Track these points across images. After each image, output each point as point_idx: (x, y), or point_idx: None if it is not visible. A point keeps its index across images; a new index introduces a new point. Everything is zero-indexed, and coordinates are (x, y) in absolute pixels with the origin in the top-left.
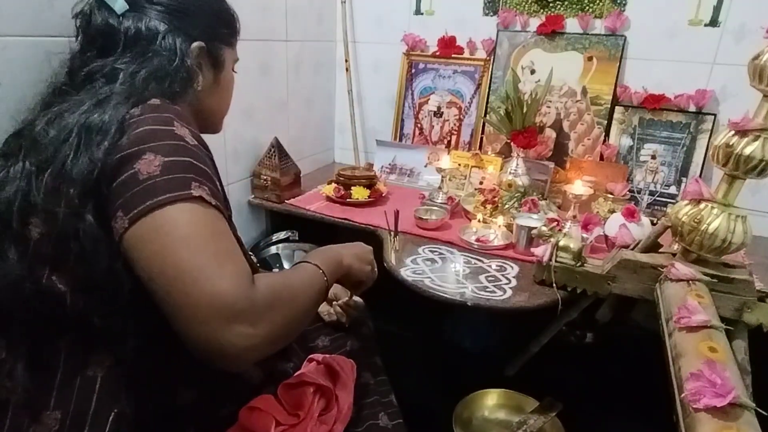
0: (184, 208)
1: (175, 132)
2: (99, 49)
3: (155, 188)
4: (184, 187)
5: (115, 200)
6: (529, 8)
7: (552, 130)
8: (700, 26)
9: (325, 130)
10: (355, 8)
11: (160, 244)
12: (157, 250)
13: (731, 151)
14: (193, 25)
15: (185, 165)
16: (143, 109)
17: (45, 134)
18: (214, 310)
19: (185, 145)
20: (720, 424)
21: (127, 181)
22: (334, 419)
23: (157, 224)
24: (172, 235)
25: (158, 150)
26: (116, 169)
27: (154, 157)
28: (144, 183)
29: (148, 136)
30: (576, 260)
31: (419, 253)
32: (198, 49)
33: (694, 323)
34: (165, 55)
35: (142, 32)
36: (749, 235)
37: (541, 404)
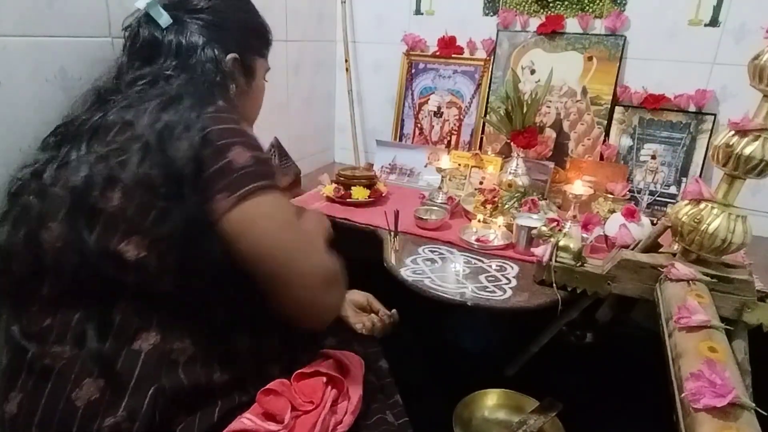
0: (277, 195)
1: (247, 131)
2: (145, 58)
3: (254, 175)
4: (273, 178)
5: (212, 185)
6: (529, 8)
7: (552, 130)
8: (700, 26)
9: (325, 130)
10: (355, 8)
11: (269, 225)
12: (268, 230)
13: (731, 151)
14: (229, 37)
15: (266, 159)
16: (216, 108)
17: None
18: (321, 277)
19: (257, 143)
20: (720, 424)
21: (224, 168)
22: (345, 410)
23: (262, 206)
24: (277, 218)
25: (244, 144)
26: (209, 158)
27: (243, 150)
28: (242, 170)
29: (231, 132)
30: (576, 260)
31: (419, 253)
32: (233, 60)
33: (694, 323)
34: (205, 64)
35: (183, 45)
36: (749, 235)
37: (541, 404)
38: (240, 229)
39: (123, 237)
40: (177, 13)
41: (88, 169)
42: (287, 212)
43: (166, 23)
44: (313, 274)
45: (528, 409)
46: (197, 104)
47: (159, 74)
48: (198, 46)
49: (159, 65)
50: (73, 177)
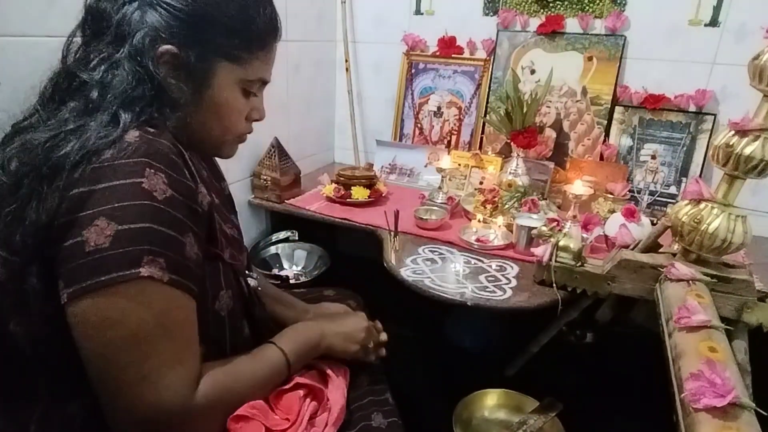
0: (130, 292)
1: (143, 186)
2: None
3: (101, 264)
4: (133, 265)
5: (58, 266)
6: (529, 8)
7: (552, 130)
8: (700, 26)
9: (325, 130)
10: (355, 8)
11: (103, 327)
12: (99, 333)
13: (731, 151)
14: (181, 27)
15: (142, 232)
16: (115, 150)
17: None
18: (149, 417)
19: (150, 203)
20: (720, 424)
21: (72, 250)
22: (326, 422)
23: (100, 310)
24: (116, 330)
25: (113, 215)
26: (65, 231)
27: (107, 225)
28: (89, 256)
29: (110, 194)
30: (576, 260)
31: (419, 253)
32: (167, 55)
33: (694, 323)
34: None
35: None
36: (749, 235)
37: (541, 404)
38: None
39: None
40: None
41: None
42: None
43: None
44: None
45: (528, 409)
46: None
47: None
48: (133, 30)
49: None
50: None
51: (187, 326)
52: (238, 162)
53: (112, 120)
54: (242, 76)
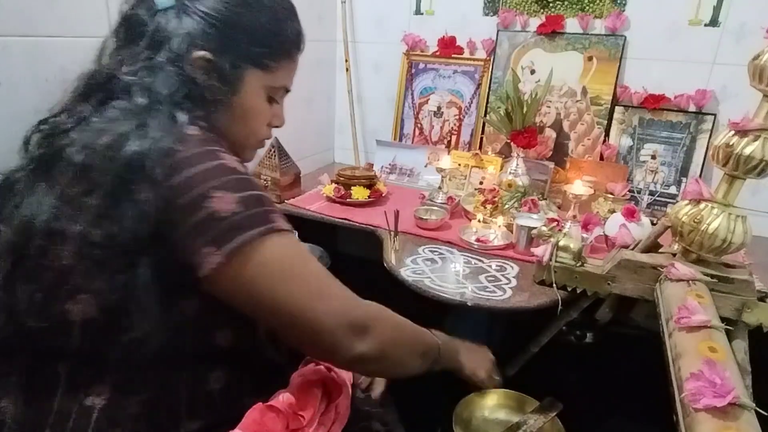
0: (275, 241)
1: (227, 165)
2: (121, 39)
3: (244, 224)
4: (267, 221)
5: (193, 240)
6: (529, 8)
7: (552, 130)
8: (700, 26)
9: (325, 130)
10: (355, 8)
11: (274, 275)
12: (267, 285)
13: (731, 151)
14: (215, 35)
15: (256, 197)
16: (183, 143)
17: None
18: (340, 324)
19: (243, 177)
20: (720, 424)
21: (205, 221)
22: (333, 420)
23: (260, 257)
24: (281, 265)
25: (225, 186)
26: (182, 212)
27: (225, 194)
28: (228, 219)
29: (205, 175)
30: (576, 260)
31: (419, 253)
32: (201, 60)
33: (694, 323)
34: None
35: (161, 32)
36: (749, 235)
37: (541, 404)
38: (235, 286)
39: (68, 296)
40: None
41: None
42: (290, 256)
43: (162, 4)
44: (326, 319)
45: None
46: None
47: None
48: (170, 36)
49: (128, 55)
50: (20, 224)
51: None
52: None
53: (169, 119)
54: (269, 83)
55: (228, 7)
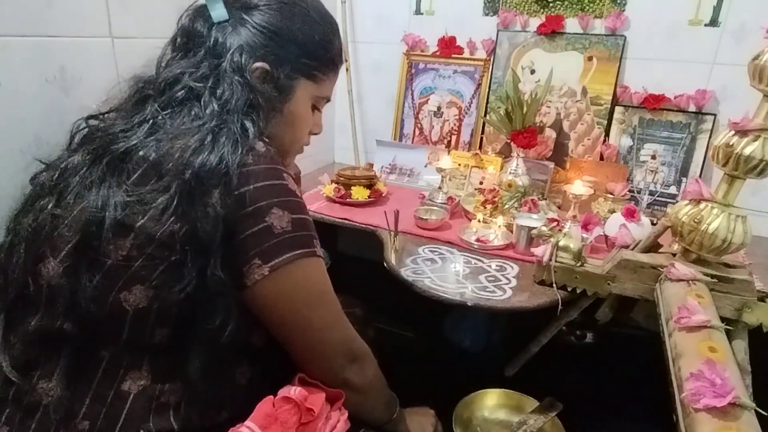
0: (314, 263)
1: (289, 187)
2: (182, 51)
3: (291, 242)
4: (311, 245)
5: (246, 250)
6: (529, 8)
7: (552, 130)
8: (700, 26)
9: (325, 130)
10: (355, 8)
11: (303, 296)
12: (298, 303)
13: (731, 151)
14: (270, 45)
15: (306, 222)
16: (253, 157)
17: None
18: (341, 351)
19: (299, 201)
20: (720, 424)
21: (260, 233)
22: (338, 419)
23: (297, 276)
24: (311, 289)
25: (284, 206)
26: (244, 220)
27: (283, 213)
28: (279, 236)
29: (270, 191)
30: (576, 260)
31: (419, 253)
32: (260, 70)
33: (694, 323)
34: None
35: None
36: (749, 235)
37: (541, 404)
38: (270, 299)
39: (124, 286)
40: (235, 11)
41: (101, 209)
42: (320, 283)
43: (218, 17)
44: (339, 346)
45: (528, 409)
46: (236, 152)
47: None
48: (229, 48)
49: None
50: (84, 214)
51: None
52: None
53: (242, 131)
54: (316, 93)
55: (283, 21)
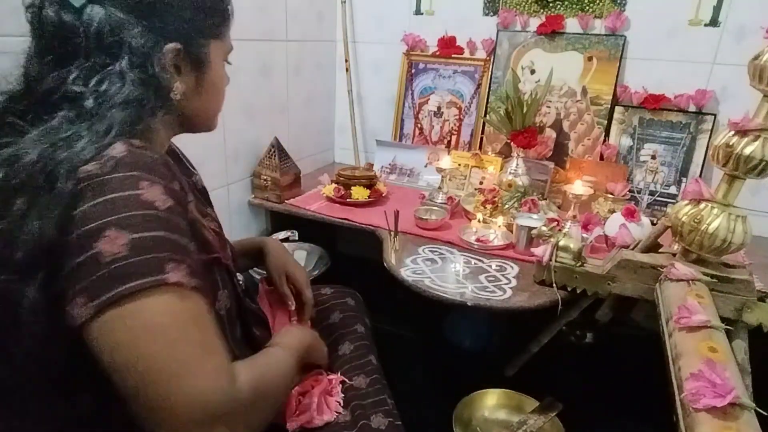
0: (158, 297)
1: (142, 197)
2: (57, 53)
3: (123, 273)
4: (157, 271)
5: (73, 283)
6: (529, 8)
7: (552, 130)
8: (700, 26)
9: (325, 130)
10: (355, 8)
11: (133, 336)
12: (129, 343)
13: (731, 151)
14: (167, 20)
15: (157, 240)
16: (101, 165)
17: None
18: (193, 411)
19: (156, 213)
20: (720, 424)
21: (87, 264)
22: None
23: (127, 315)
24: (146, 328)
25: (123, 225)
26: (73, 247)
27: (118, 234)
28: (109, 266)
29: (110, 207)
30: (576, 260)
31: (419, 253)
32: (173, 52)
33: (694, 323)
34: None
35: (105, 32)
36: (749, 235)
37: (541, 404)
38: (101, 339)
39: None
40: None
41: None
42: (170, 318)
43: (80, 1)
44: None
45: (528, 409)
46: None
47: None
48: (123, 35)
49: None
50: None
51: (211, 327)
52: (238, 162)
53: (105, 130)
54: (225, 49)
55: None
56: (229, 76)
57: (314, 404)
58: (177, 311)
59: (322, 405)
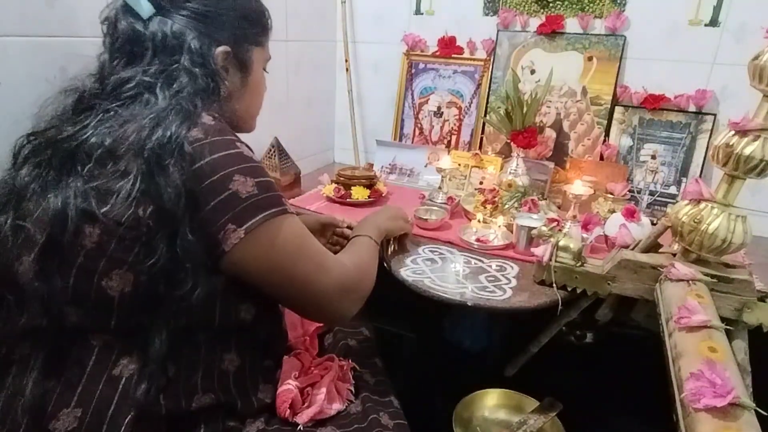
0: (288, 220)
1: (244, 154)
2: (127, 56)
3: (261, 204)
4: (280, 203)
5: (219, 217)
6: (529, 8)
7: (552, 130)
8: (700, 26)
9: (325, 130)
10: (355, 8)
11: (282, 253)
12: (279, 260)
13: (731, 151)
14: (219, 28)
15: (270, 184)
16: (204, 131)
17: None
18: (335, 289)
19: (258, 165)
20: (720, 424)
21: (228, 200)
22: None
23: (273, 234)
24: (288, 245)
25: (244, 172)
26: (207, 193)
27: (245, 179)
28: (248, 201)
29: (228, 160)
30: (576, 260)
31: (419, 253)
32: (223, 54)
33: (694, 323)
34: (193, 63)
35: (168, 38)
36: (749, 235)
37: (541, 404)
38: (251, 261)
39: (104, 273)
40: (160, 1)
41: (62, 203)
42: (297, 236)
43: (147, 13)
44: (329, 289)
45: (528, 409)
46: (184, 126)
47: (142, 80)
48: (183, 39)
49: (143, 66)
50: (46, 213)
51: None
52: None
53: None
54: (265, 56)
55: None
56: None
57: (323, 394)
58: (301, 228)
59: (332, 393)
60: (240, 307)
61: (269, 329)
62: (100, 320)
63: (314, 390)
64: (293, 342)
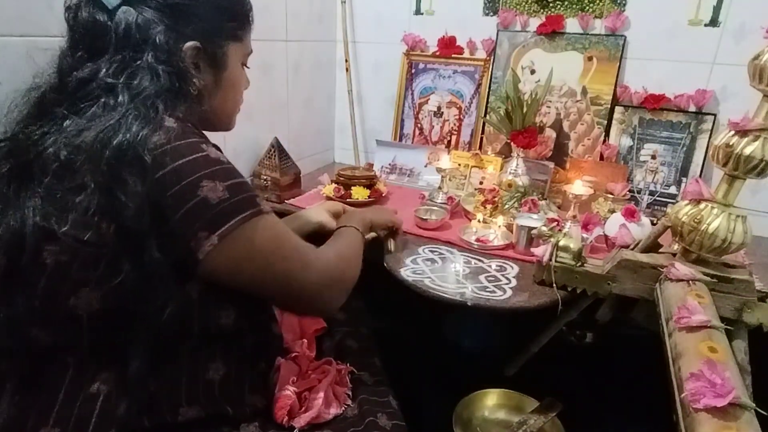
0: (263, 221)
1: (210, 157)
2: (88, 49)
3: (233, 208)
4: (254, 204)
5: (187, 226)
6: (529, 8)
7: (552, 130)
8: (700, 26)
9: (325, 130)
10: (355, 8)
11: (260, 255)
12: (260, 260)
13: (731, 151)
14: (189, 21)
15: (241, 185)
16: (165, 136)
17: (56, 158)
18: (323, 283)
19: (227, 166)
20: (720, 424)
21: (197, 208)
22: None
23: (248, 238)
24: (265, 247)
25: (212, 176)
26: (174, 202)
27: (215, 184)
28: (219, 206)
29: (192, 165)
30: (576, 260)
31: (419, 253)
32: (192, 50)
33: (694, 323)
34: (157, 60)
35: (132, 31)
36: (749, 235)
37: (541, 404)
38: (228, 266)
39: (70, 293)
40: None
41: (20, 222)
42: (274, 236)
43: (113, 3)
44: (313, 283)
45: (528, 409)
46: (144, 132)
47: (102, 81)
48: (148, 33)
49: (104, 62)
50: (7, 232)
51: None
52: (238, 162)
53: (152, 111)
54: (243, 51)
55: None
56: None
57: (321, 399)
58: (278, 226)
59: (330, 397)
60: (219, 314)
61: (257, 333)
62: (71, 339)
63: (312, 394)
64: (290, 344)
